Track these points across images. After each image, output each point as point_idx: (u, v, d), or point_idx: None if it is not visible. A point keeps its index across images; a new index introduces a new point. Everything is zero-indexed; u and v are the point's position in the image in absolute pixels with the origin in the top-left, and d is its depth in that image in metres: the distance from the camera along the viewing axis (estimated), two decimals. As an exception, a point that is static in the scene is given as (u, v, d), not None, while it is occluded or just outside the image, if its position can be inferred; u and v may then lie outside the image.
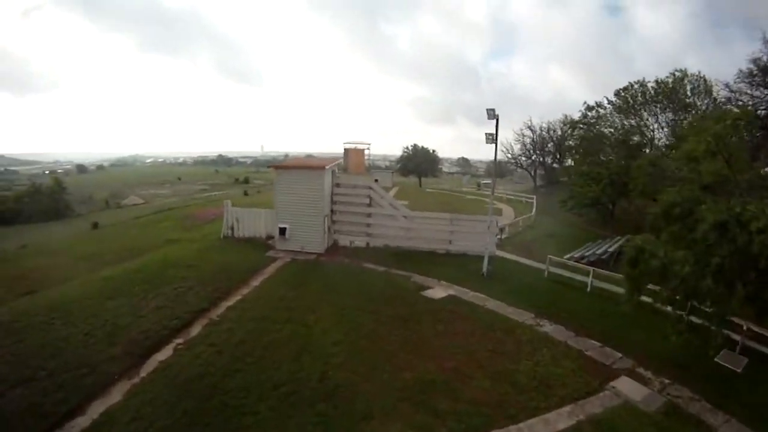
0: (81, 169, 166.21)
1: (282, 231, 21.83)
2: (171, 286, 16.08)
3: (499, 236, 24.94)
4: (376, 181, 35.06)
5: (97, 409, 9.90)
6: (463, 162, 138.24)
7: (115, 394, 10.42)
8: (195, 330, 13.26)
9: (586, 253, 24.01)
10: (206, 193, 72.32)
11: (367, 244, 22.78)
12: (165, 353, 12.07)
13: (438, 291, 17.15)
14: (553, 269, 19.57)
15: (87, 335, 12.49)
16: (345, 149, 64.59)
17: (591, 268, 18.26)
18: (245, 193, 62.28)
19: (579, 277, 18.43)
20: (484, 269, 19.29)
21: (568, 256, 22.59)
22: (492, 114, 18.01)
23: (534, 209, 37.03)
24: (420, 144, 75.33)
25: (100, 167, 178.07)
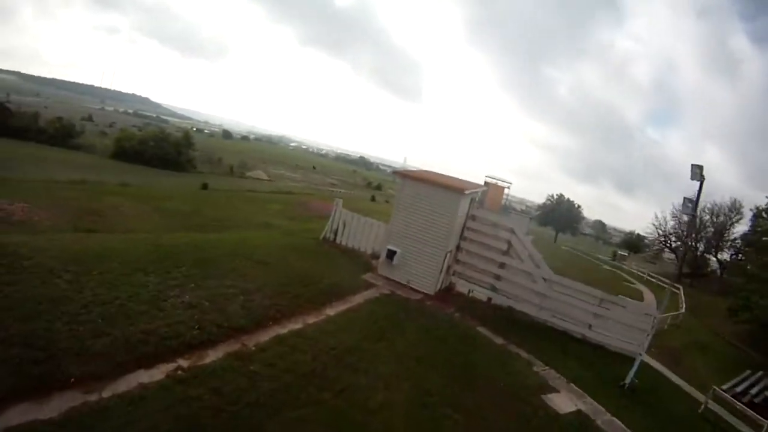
0: (227, 134, 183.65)
1: (390, 254, 18.39)
2: (221, 282, 13.22)
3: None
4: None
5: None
6: (599, 226, 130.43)
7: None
8: (197, 359, 9.74)
9: (753, 390, 18.26)
10: (334, 188, 73.37)
11: (489, 299, 19.12)
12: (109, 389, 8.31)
13: (564, 400, 12.95)
14: (713, 406, 15.32)
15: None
16: (485, 182, 61.39)
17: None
18: (372, 198, 62.57)
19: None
20: (628, 379, 15.04)
21: (727, 386, 18.00)
22: (698, 174, 16.40)
23: (683, 305, 31.43)
24: (566, 196, 70.69)
25: (245, 137, 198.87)
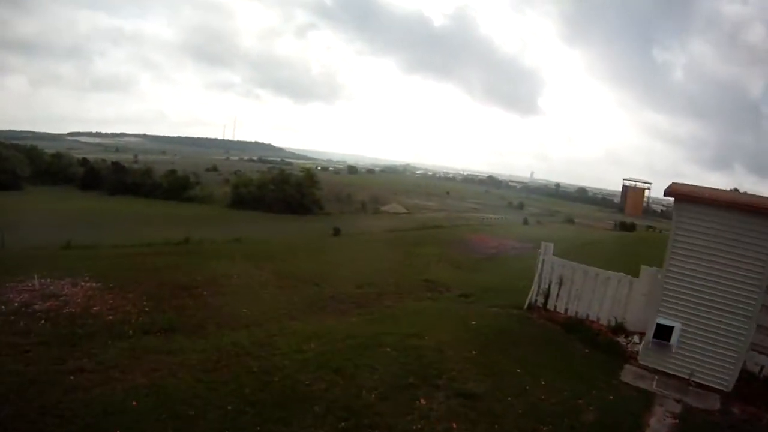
0: (352, 169, 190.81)
1: (663, 332, 9.53)
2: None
3: None
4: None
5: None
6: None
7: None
8: None
9: None
10: (477, 213, 71.42)
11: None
12: None
13: None
14: None
15: None
16: (624, 186, 57.78)
17: None
18: (525, 222, 61.15)
19: None
20: None
21: None
22: None
23: None
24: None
25: (370, 170, 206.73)
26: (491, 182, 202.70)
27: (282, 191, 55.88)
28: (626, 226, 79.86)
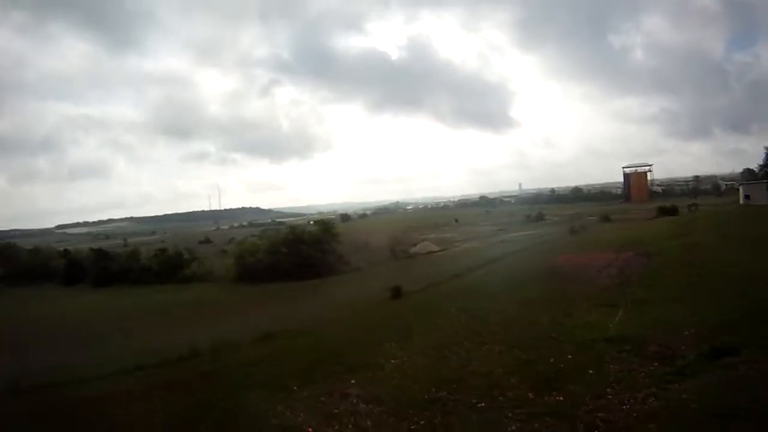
0: (344, 218, 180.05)
1: None
2: None
3: None
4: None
5: None
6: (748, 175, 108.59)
7: None
8: None
9: None
10: (508, 234, 66.79)
11: None
12: None
13: None
14: None
15: None
16: (624, 174, 52.73)
17: None
18: (574, 231, 56.25)
19: None
20: None
21: None
22: None
23: None
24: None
25: (363, 215, 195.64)
26: (484, 202, 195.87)
27: (298, 253, 46.12)
28: (669, 211, 71.61)
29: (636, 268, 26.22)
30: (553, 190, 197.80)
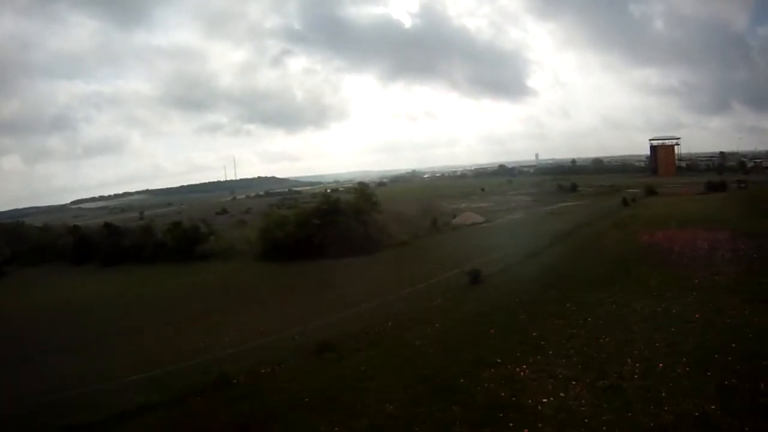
0: (362, 186, 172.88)
1: None
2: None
3: None
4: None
5: None
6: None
7: None
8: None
9: None
10: (550, 205, 63.50)
11: None
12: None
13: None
14: None
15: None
16: (651, 147, 78.95)
17: None
18: (626, 203, 55.25)
19: None
20: None
21: None
22: None
23: None
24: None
25: (380, 184, 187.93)
26: (503, 171, 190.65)
27: (334, 225, 39.73)
28: (717, 186, 69.10)
29: (749, 251, 23.80)
30: (574, 161, 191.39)
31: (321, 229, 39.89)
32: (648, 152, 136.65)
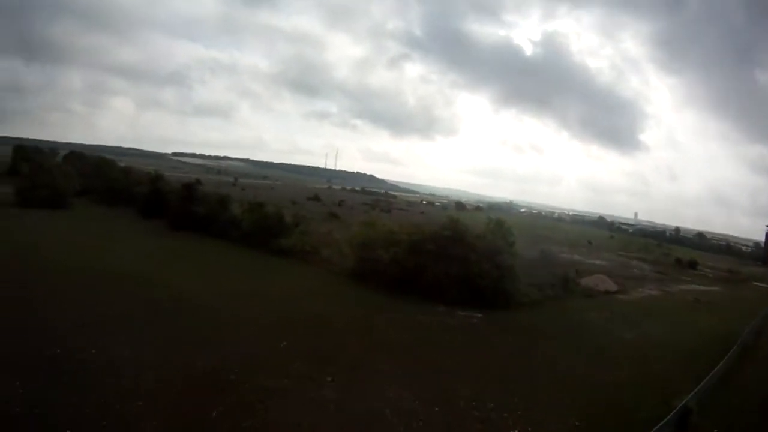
0: (459, 205, 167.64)
1: None
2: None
3: None
4: None
5: None
6: None
7: None
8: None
9: None
10: (683, 285, 52.82)
11: None
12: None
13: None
14: None
15: None
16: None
17: None
18: None
19: None
20: None
21: None
22: None
23: None
24: None
25: (477, 208, 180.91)
26: (602, 224, 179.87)
27: (458, 262, 28.75)
28: None
29: None
30: (677, 230, 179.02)
31: (439, 262, 28.74)
32: (756, 237, 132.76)
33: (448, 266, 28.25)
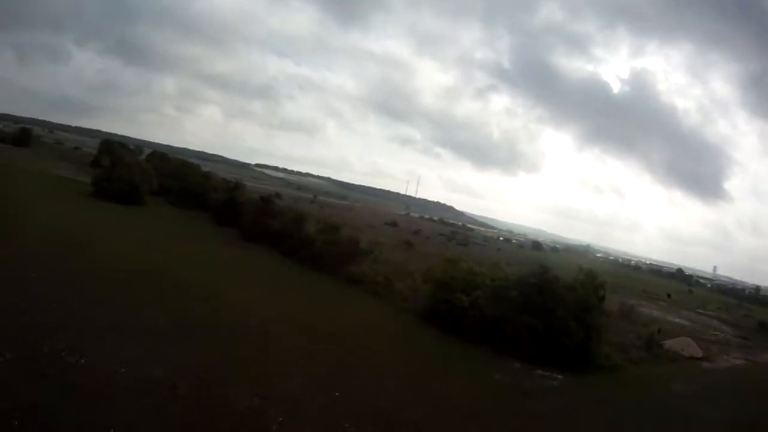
0: (536, 245, 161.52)
1: None
2: None
3: None
4: None
5: None
6: None
7: None
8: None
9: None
10: None
11: None
12: None
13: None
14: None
15: None
16: None
17: None
18: None
19: None
20: None
21: None
22: None
23: None
24: None
25: (554, 249, 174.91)
26: (680, 276, 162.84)
27: (544, 315, 24.99)
28: None
29: None
30: (758, 288, 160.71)
31: (522, 312, 24.48)
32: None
33: (531, 319, 24.22)
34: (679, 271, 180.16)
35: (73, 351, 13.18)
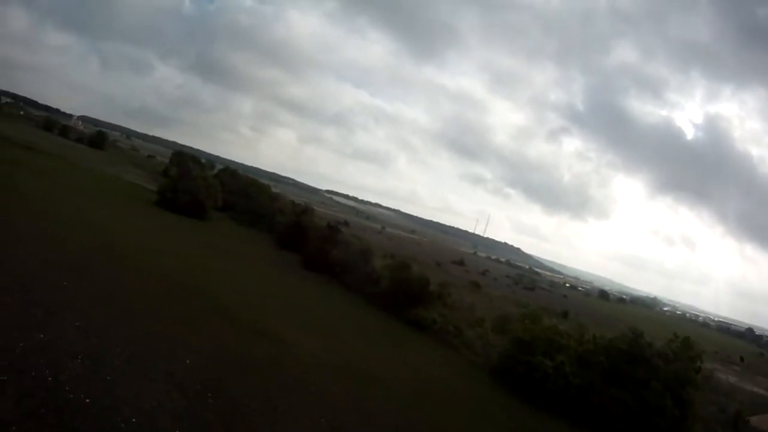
0: (603, 294, 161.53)
1: None
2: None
3: None
4: None
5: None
6: None
7: None
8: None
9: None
10: None
11: None
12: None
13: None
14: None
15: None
16: None
17: None
18: None
19: None
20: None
21: None
22: None
23: None
24: None
25: (620, 300, 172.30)
26: (750, 336, 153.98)
27: (637, 388, 21.60)
28: None
29: None
30: None
31: (610, 382, 20.55)
32: None
33: (621, 391, 20.26)
34: (749, 330, 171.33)
35: (77, 387, 10.52)
